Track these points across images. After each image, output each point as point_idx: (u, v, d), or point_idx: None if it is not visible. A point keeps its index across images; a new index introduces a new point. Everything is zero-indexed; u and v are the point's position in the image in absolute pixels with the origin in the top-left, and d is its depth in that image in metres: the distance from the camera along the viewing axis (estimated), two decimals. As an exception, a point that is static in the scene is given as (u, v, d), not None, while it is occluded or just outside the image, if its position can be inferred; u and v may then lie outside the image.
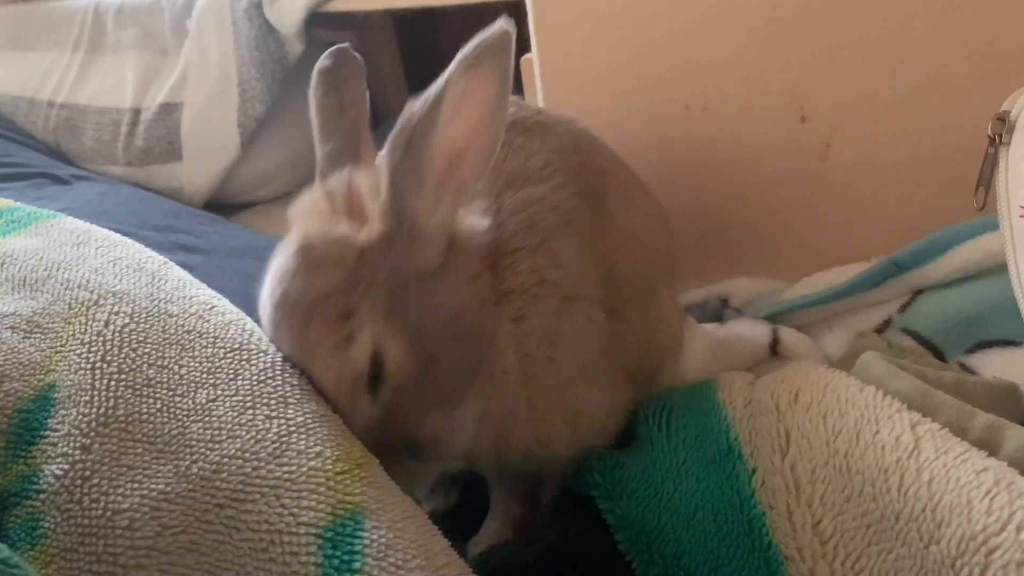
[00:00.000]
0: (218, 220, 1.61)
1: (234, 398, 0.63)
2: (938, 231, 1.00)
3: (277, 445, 0.60)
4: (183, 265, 0.79)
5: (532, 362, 0.71)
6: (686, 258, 1.27)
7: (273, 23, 1.73)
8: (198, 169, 1.86)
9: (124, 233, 0.83)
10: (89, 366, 0.63)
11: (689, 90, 1.17)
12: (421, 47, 2.21)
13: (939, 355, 0.98)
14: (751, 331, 1.08)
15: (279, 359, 0.67)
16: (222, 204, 1.88)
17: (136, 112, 1.92)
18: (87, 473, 0.58)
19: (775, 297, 1.17)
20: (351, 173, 0.70)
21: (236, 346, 0.67)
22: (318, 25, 1.81)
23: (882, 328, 1.05)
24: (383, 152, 0.66)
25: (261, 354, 0.67)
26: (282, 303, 0.65)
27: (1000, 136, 0.79)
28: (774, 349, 1.05)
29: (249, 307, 0.75)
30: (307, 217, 0.68)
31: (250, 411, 0.62)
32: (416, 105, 0.62)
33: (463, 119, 0.63)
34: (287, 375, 0.66)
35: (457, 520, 0.81)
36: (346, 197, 0.68)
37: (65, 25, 2.12)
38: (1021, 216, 0.76)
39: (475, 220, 0.72)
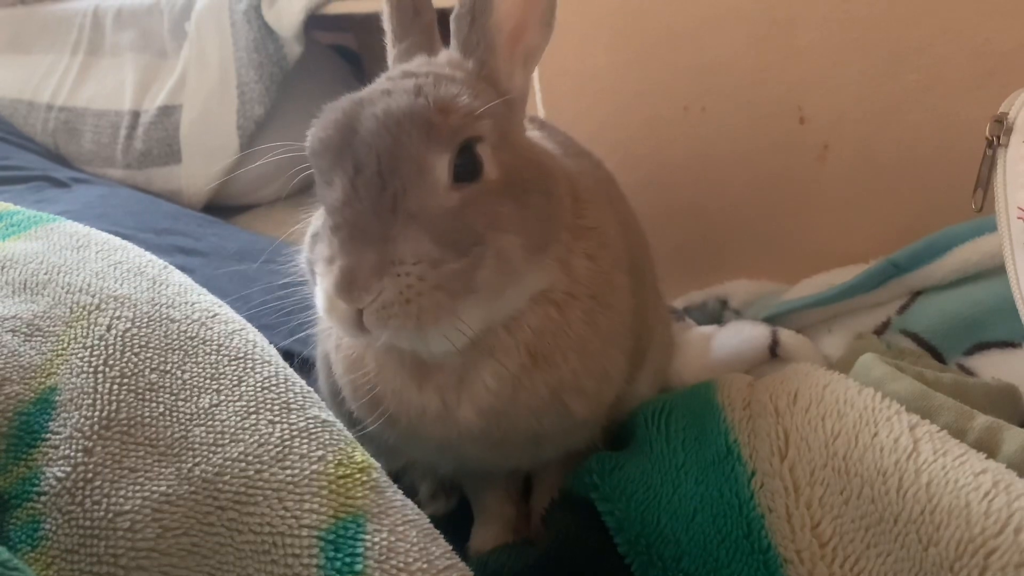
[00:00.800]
0: (217, 222, 1.61)
1: (237, 403, 0.63)
2: (937, 232, 1.00)
3: (280, 449, 0.61)
4: (181, 267, 0.80)
5: (596, 303, 0.72)
6: (685, 259, 1.27)
7: (272, 25, 1.73)
8: (197, 171, 1.85)
9: (123, 236, 0.83)
10: (91, 370, 0.64)
11: (687, 91, 1.17)
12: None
13: (938, 356, 0.98)
14: (750, 333, 1.08)
15: (282, 368, 0.68)
16: (221, 206, 1.87)
17: (135, 114, 1.91)
18: (89, 475, 0.58)
19: (774, 298, 1.17)
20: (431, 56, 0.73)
21: (240, 355, 0.68)
22: (317, 27, 1.81)
23: (881, 329, 1.05)
24: (452, 30, 0.70)
25: (265, 364, 0.67)
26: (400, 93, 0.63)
27: (998, 137, 0.79)
28: (773, 351, 1.05)
29: (248, 308, 0.75)
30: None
31: (253, 416, 0.62)
32: None
33: None
34: (290, 383, 0.66)
35: (458, 524, 0.81)
36: (438, 60, 0.71)
37: (64, 28, 2.12)
38: (1019, 217, 0.77)
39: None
